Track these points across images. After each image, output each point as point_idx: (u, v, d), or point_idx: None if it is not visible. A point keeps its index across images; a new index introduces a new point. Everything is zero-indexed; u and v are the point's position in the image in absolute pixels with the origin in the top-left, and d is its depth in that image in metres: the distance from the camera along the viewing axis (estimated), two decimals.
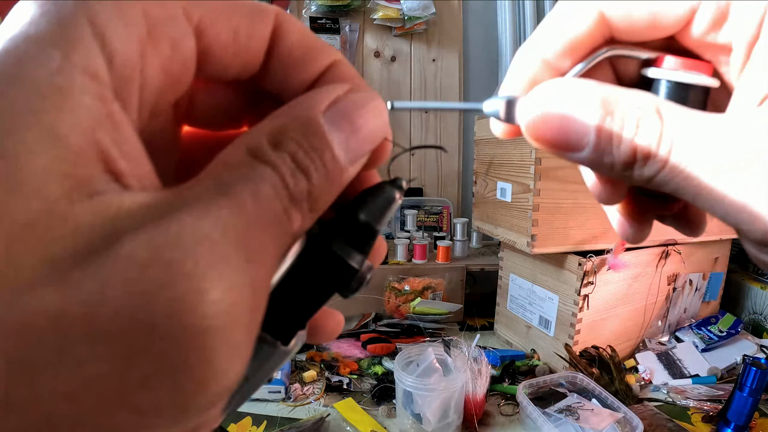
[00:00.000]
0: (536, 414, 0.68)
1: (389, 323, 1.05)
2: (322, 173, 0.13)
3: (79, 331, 0.09)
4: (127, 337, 0.09)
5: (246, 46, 0.14)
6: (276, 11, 0.15)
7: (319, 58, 0.16)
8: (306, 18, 1.41)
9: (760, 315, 1.05)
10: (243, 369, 0.12)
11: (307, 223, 0.13)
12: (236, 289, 0.11)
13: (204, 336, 0.10)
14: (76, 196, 0.10)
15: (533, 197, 0.81)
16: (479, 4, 1.52)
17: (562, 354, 0.85)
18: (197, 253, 0.10)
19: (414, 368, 0.75)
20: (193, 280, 0.10)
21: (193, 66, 0.14)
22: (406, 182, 0.16)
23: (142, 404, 0.10)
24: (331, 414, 0.77)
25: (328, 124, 0.13)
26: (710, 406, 0.79)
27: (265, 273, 0.12)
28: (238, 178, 0.12)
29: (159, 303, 0.10)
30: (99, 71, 0.11)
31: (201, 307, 0.10)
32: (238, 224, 0.11)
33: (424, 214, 1.41)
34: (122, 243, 0.10)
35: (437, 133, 1.51)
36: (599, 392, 0.74)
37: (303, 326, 0.16)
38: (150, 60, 0.12)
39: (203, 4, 0.13)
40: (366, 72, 1.47)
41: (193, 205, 0.11)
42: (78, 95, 0.10)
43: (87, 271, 0.09)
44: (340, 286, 0.15)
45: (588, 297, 0.82)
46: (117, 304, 0.09)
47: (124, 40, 0.11)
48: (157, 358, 0.10)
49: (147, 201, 0.11)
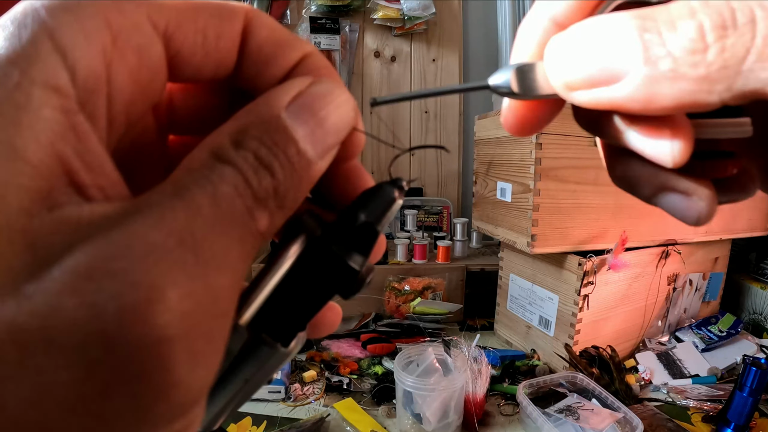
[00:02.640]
0: (536, 414, 0.68)
1: (389, 323, 1.05)
2: (287, 169, 0.13)
3: (36, 342, 0.09)
4: (82, 348, 0.10)
5: (216, 46, 0.14)
6: (246, 9, 0.15)
7: (289, 52, 0.15)
8: (306, 18, 1.41)
9: (760, 315, 1.05)
10: (210, 377, 0.12)
11: (277, 221, 0.13)
12: (192, 297, 0.11)
13: (159, 345, 0.10)
14: (36, 209, 0.10)
15: (533, 197, 0.81)
16: (479, 4, 1.52)
17: (562, 354, 0.85)
18: (147, 262, 0.10)
19: (414, 368, 0.75)
20: (142, 290, 0.10)
21: (164, 71, 0.14)
22: (406, 183, 0.16)
23: (104, 412, 0.10)
24: (331, 414, 0.77)
25: (291, 118, 0.13)
26: (710, 406, 0.79)
27: (228, 277, 0.12)
28: (196, 179, 0.12)
29: (109, 314, 0.10)
30: (61, 84, 0.11)
31: (152, 316, 0.10)
32: (194, 228, 0.11)
33: (424, 214, 1.41)
34: (72, 255, 0.10)
35: (437, 133, 1.51)
36: (599, 392, 0.74)
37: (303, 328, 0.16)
38: (117, 69, 0.12)
39: (168, 9, 0.13)
40: (366, 72, 1.47)
41: (147, 211, 0.11)
42: (37, 109, 0.10)
43: (40, 283, 0.10)
44: (341, 287, 0.15)
45: (588, 297, 0.82)
46: (69, 315, 0.09)
47: (87, 52, 0.11)
48: (114, 368, 0.10)
49: (107, 211, 0.11)
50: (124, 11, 0.12)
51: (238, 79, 0.16)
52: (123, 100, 0.13)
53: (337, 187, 0.17)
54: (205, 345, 0.11)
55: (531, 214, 0.81)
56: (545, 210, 0.81)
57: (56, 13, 0.11)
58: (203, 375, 0.11)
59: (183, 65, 0.14)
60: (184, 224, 0.11)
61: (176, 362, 0.10)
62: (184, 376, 0.11)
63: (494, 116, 0.96)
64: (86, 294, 0.10)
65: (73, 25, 0.11)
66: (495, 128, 0.95)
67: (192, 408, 0.12)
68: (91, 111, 0.12)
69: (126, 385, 0.10)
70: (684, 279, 0.99)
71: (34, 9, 0.11)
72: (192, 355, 0.11)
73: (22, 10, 0.11)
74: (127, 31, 0.12)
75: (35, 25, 0.11)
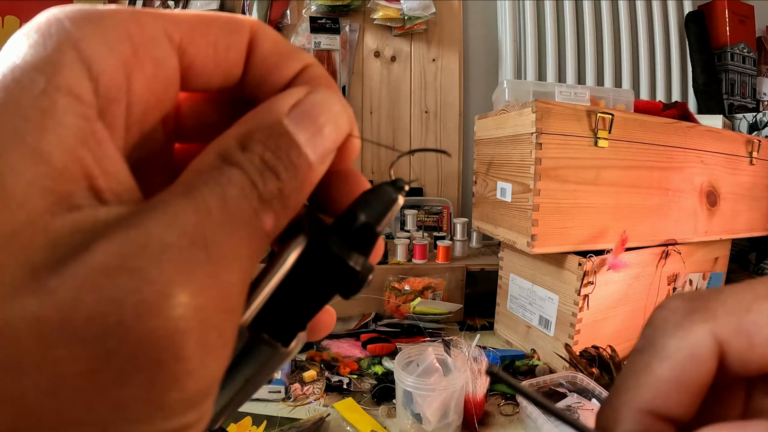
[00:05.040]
0: (536, 414, 0.68)
1: (389, 323, 1.05)
2: (291, 172, 0.14)
3: (56, 334, 0.10)
4: (100, 339, 0.10)
5: (225, 58, 0.15)
6: (251, 22, 0.16)
7: (291, 62, 0.16)
8: (306, 18, 1.41)
9: None
10: (221, 369, 0.13)
11: (281, 223, 0.14)
12: (204, 292, 0.11)
13: (173, 336, 0.11)
14: (57, 209, 0.11)
15: (533, 197, 0.81)
16: (479, 4, 1.52)
17: (562, 354, 0.85)
18: (161, 260, 0.11)
19: (414, 368, 0.75)
20: (157, 286, 0.11)
21: (177, 83, 0.14)
22: (407, 183, 0.16)
23: (119, 399, 0.10)
24: (331, 414, 0.77)
25: (292, 124, 0.14)
26: None
27: (237, 275, 0.12)
28: (206, 181, 0.12)
29: (127, 307, 0.10)
30: (83, 93, 0.11)
31: (167, 310, 0.11)
32: (205, 228, 0.12)
33: (424, 214, 1.41)
34: (92, 252, 0.11)
35: (437, 133, 1.51)
36: (599, 392, 0.74)
37: (303, 328, 0.16)
38: (136, 80, 0.13)
39: (182, 23, 0.14)
40: (366, 72, 1.47)
41: (162, 212, 0.12)
42: (61, 115, 0.11)
43: (62, 278, 0.10)
44: (341, 287, 0.15)
45: (588, 297, 0.82)
46: (88, 308, 0.10)
47: (109, 63, 0.12)
48: (130, 357, 0.10)
49: (122, 213, 0.12)
50: (143, 24, 0.13)
51: (242, 88, 0.16)
52: (140, 110, 0.13)
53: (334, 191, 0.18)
54: (216, 338, 0.12)
55: (531, 214, 0.81)
56: (545, 210, 0.81)
57: (80, 24, 0.12)
58: (215, 366, 0.12)
59: (195, 76, 0.15)
60: (196, 224, 0.12)
61: (189, 352, 0.11)
62: (196, 365, 0.11)
63: (494, 116, 0.96)
64: (105, 289, 0.10)
65: (96, 36, 0.12)
66: (495, 128, 0.95)
67: (203, 400, 0.12)
68: (110, 119, 0.12)
69: (141, 373, 0.11)
70: (684, 279, 0.99)
71: (57, 19, 0.12)
72: (204, 347, 0.11)
73: (46, 20, 0.12)
74: (146, 44, 0.13)
75: (60, 35, 0.12)
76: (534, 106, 0.79)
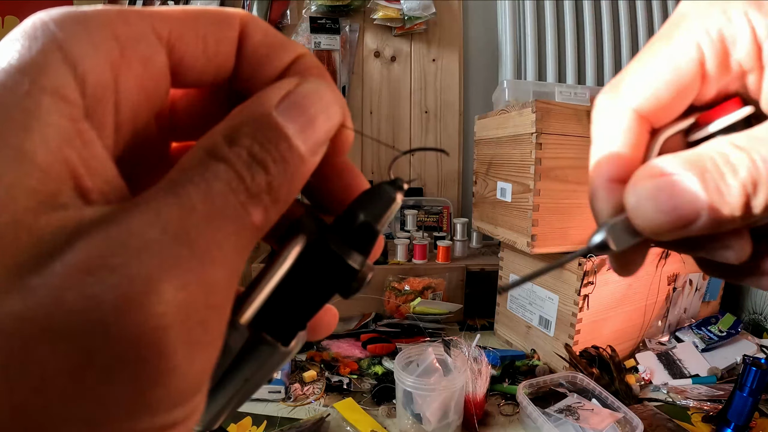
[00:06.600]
0: (536, 414, 0.68)
1: (389, 323, 1.05)
2: (280, 164, 0.13)
3: (39, 333, 0.10)
4: (82, 337, 0.10)
5: (216, 51, 0.15)
6: (241, 14, 0.16)
7: (282, 54, 0.16)
8: (306, 18, 1.41)
9: (760, 315, 1.05)
10: (208, 366, 0.12)
11: (272, 217, 0.14)
12: (187, 288, 0.11)
13: (155, 332, 0.11)
14: (42, 209, 0.11)
15: (533, 197, 0.81)
16: (479, 4, 1.52)
17: (562, 354, 0.85)
18: (142, 257, 0.11)
19: (414, 368, 0.75)
20: (138, 282, 0.11)
21: (167, 79, 0.14)
22: (406, 183, 0.16)
23: (104, 396, 0.11)
24: (331, 414, 0.77)
25: (282, 116, 0.14)
26: (710, 406, 0.79)
27: (224, 270, 0.12)
28: (191, 177, 0.12)
29: (108, 304, 0.10)
30: (68, 93, 0.11)
31: (149, 306, 0.11)
32: (188, 224, 0.12)
33: (424, 214, 1.41)
34: (74, 250, 0.11)
35: (437, 132, 1.51)
36: (599, 392, 0.74)
37: (303, 327, 0.16)
38: (123, 78, 0.13)
39: (170, 19, 0.14)
40: (366, 72, 1.47)
41: (144, 209, 0.11)
42: (45, 116, 0.11)
43: (43, 277, 0.10)
44: (341, 286, 0.15)
45: (588, 297, 0.82)
46: (69, 306, 0.10)
47: (95, 62, 0.12)
48: (113, 354, 0.10)
49: (107, 212, 0.12)
50: (129, 22, 0.13)
51: (234, 82, 0.16)
52: (129, 108, 0.13)
53: (329, 183, 0.18)
54: (202, 334, 0.12)
55: (531, 214, 0.81)
56: (545, 210, 0.81)
57: (65, 25, 0.12)
58: (200, 363, 0.12)
59: (186, 72, 0.15)
60: (179, 220, 0.11)
61: (172, 349, 0.11)
62: (180, 362, 0.11)
63: (494, 116, 0.96)
64: (86, 286, 0.10)
65: (81, 37, 0.12)
66: (495, 128, 0.95)
67: (191, 397, 0.12)
68: (98, 119, 0.12)
69: (124, 370, 0.10)
70: (684, 279, 0.99)
71: (43, 22, 0.12)
72: (188, 344, 0.11)
73: (32, 24, 0.12)
74: (133, 42, 0.13)
75: (45, 37, 0.12)
76: (534, 106, 0.79)
